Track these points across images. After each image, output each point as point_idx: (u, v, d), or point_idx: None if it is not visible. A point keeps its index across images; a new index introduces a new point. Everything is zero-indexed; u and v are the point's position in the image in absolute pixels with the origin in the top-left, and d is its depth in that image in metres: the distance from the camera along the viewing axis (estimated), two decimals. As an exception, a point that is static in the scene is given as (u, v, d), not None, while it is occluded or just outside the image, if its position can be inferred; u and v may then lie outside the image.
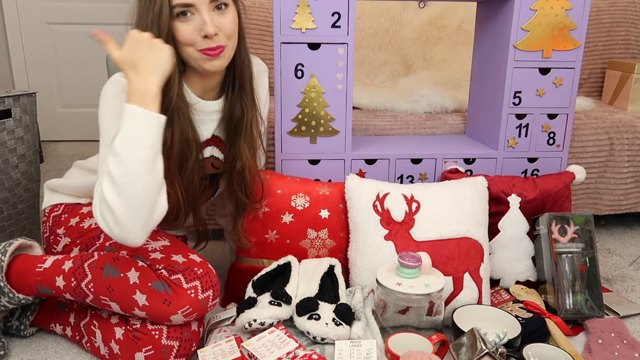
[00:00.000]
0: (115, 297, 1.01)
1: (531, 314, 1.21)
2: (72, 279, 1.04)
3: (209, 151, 1.19)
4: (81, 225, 1.17)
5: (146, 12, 0.99)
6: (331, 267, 1.24)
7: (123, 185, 0.89)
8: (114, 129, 0.96)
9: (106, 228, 0.92)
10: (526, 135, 1.45)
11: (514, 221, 1.34)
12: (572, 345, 1.12)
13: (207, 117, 1.15)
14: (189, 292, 1.00)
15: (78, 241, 1.16)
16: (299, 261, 1.26)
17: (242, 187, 1.21)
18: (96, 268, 1.03)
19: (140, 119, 0.91)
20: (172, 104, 1.02)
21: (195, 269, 1.03)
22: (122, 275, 1.01)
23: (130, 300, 1.00)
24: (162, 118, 0.94)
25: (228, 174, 1.21)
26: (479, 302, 1.22)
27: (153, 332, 1.01)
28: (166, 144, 1.01)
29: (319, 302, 1.10)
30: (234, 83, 1.14)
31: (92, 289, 1.03)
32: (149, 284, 1.00)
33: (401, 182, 1.45)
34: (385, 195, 1.26)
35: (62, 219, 1.20)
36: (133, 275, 1.01)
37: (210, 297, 1.03)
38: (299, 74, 1.32)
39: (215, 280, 1.05)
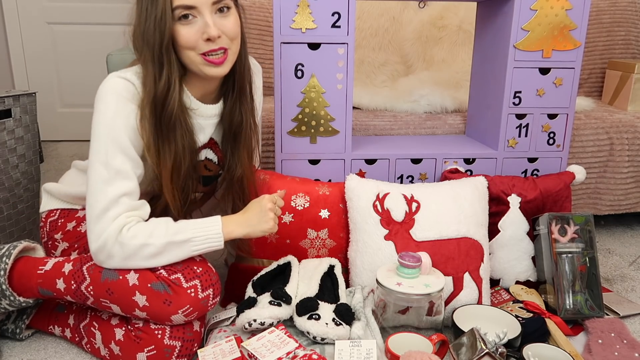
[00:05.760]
0: (115, 299, 1.01)
1: (531, 314, 1.21)
2: (72, 282, 1.04)
3: (204, 154, 1.19)
4: (78, 229, 1.17)
5: (147, 14, 0.98)
6: (331, 267, 1.24)
7: (136, 258, 1.00)
8: (115, 136, 0.99)
9: (95, 258, 1.01)
10: (526, 135, 1.45)
11: (514, 221, 1.34)
12: (572, 345, 1.12)
13: (207, 121, 1.14)
14: (188, 291, 1.00)
15: (76, 245, 1.16)
16: (299, 261, 1.26)
17: (241, 195, 1.21)
18: (94, 271, 1.03)
19: (212, 242, 1.02)
20: (173, 113, 1.03)
21: (195, 267, 1.02)
22: (120, 277, 1.00)
23: (130, 301, 1.00)
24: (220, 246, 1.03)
25: (228, 181, 1.21)
26: (479, 302, 1.22)
27: (156, 332, 1.01)
28: (165, 152, 1.04)
29: (319, 302, 1.10)
30: (234, 87, 1.13)
31: (91, 292, 1.02)
32: (149, 285, 0.99)
33: (401, 182, 1.45)
34: (385, 195, 1.26)
35: (59, 223, 1.19)
36: (132, 277, 1.00)
37: (211, 295, 1.03)
38: (299, 74, 1.32)
39: (215, 278, 1.04)
